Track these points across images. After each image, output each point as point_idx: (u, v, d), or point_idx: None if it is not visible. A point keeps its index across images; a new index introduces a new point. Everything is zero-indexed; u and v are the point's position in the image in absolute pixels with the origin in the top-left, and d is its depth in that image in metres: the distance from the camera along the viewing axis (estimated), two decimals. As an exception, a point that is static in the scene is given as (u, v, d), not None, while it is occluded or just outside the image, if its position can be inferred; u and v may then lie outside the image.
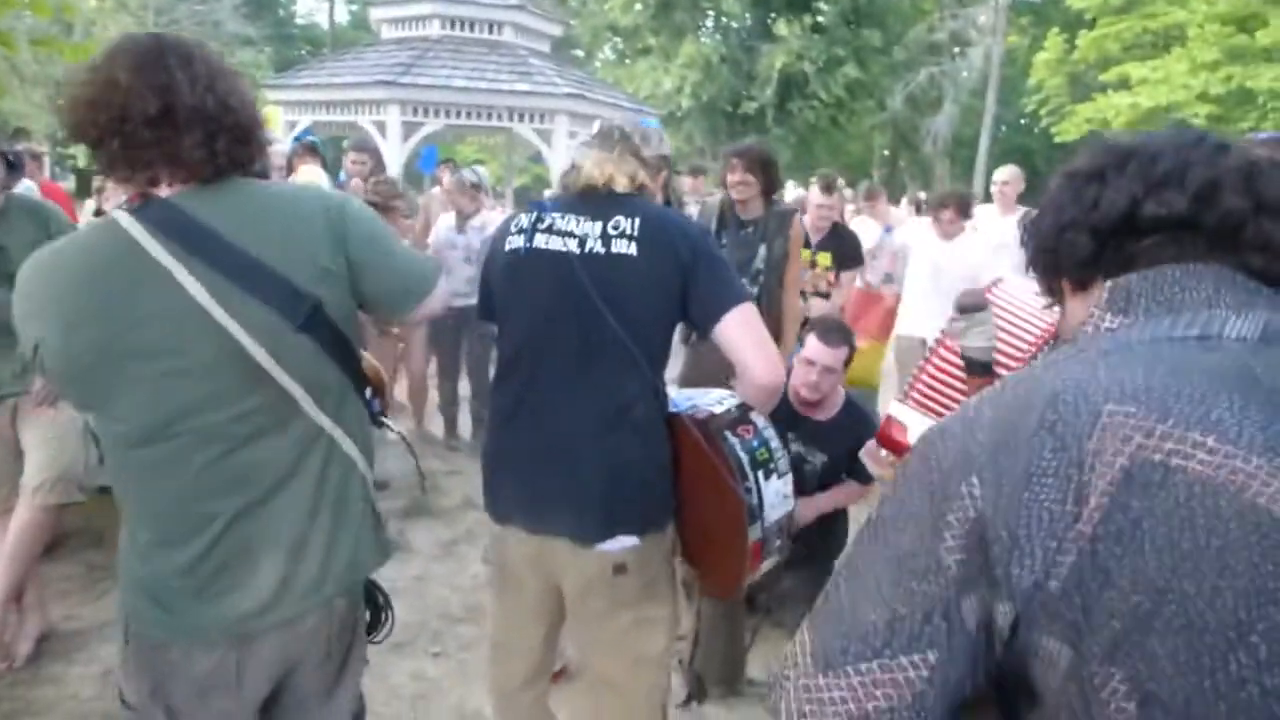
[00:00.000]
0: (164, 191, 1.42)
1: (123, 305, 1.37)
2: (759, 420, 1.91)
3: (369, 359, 1.70)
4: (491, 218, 5.50)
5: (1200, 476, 0.66)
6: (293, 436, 1.46)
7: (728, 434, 1.84)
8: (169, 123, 1.37)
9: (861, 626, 0.76)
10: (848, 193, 7.37)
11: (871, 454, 1.93)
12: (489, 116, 8.91)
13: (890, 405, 1.98)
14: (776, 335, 4.19)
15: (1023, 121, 26.61)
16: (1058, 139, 17.37)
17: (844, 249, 4.88)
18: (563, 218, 1.83)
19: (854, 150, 30.68)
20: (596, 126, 2.07)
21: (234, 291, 1.37)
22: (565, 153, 8.84)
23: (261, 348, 1.38)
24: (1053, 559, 0.69)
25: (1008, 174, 5.87)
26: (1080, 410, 0.72)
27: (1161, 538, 0.66)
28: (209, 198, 1.43)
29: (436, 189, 7.26)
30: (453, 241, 5.43)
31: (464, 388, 5.72)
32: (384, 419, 1.68)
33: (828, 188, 4.84)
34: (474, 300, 5.66)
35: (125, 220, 1.38)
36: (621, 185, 1.85)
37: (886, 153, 31.11)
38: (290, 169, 5.36)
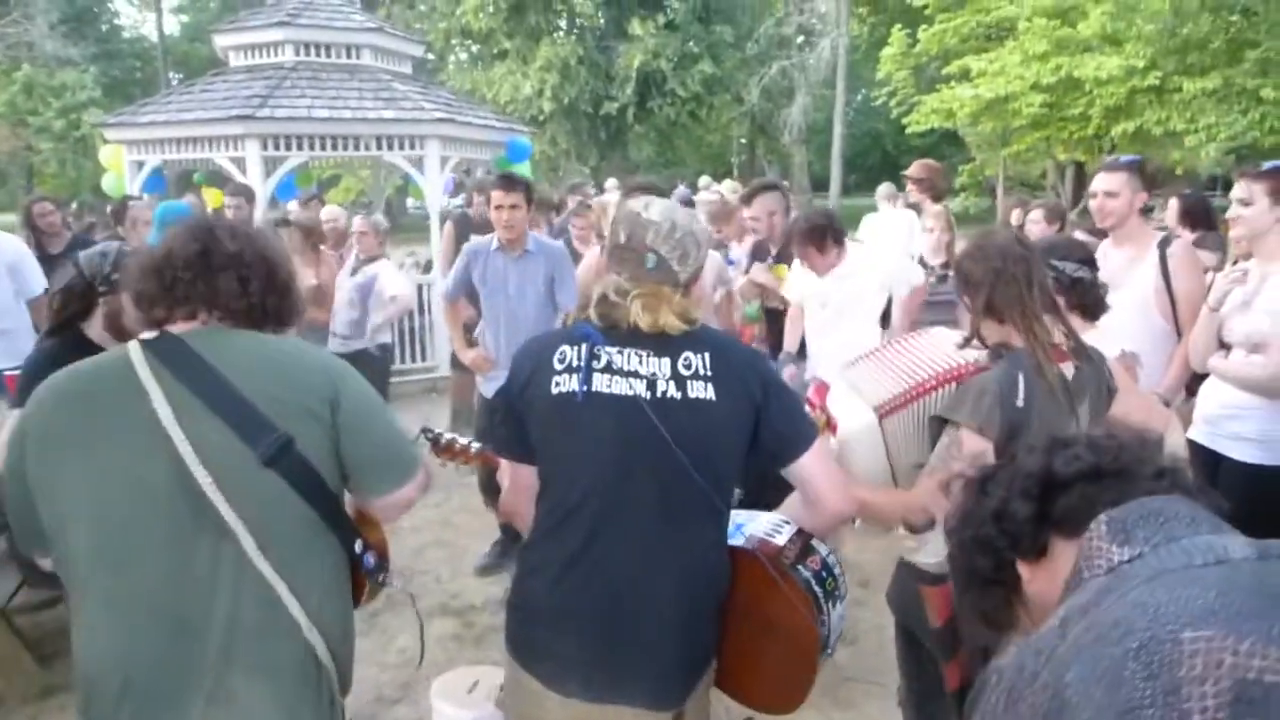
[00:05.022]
0: (194, 327, 1.54)
1: (101, 421, 1.46)
2: (820, 547, 1.87)
3: (374, 518, 1.70)
4: (384, 267, 5.39)
5: None
6: (233, 585, 1.41)
7: (800, 568, 1.78)
8: (205, 264, 1.54)
9: None
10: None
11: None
12: (356, 146, 8.58)
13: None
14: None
15: (871, 106, 27.79)
16: (909, 129, 18.21)
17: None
18: (621, 353, 1.67)
19: (714, 143, 31.28)
20: (626, 221, 1.77)
21: (203, 414, 1.42)
22: (439, 176, 8.65)
23: (209, 475, 1.38)
24: None
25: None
26: (1161, 636, 0.71)
27: None
28: (219, 338, 1.52)
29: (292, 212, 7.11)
30: (341, 283, 5.27)
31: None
32: (381, 580, 1.66)
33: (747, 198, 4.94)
34: (357, 345, 5.59)
35: (133, 348, 1.51)
36: (676, 330, 1.68)
37: (745, 141, 31.88)
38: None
